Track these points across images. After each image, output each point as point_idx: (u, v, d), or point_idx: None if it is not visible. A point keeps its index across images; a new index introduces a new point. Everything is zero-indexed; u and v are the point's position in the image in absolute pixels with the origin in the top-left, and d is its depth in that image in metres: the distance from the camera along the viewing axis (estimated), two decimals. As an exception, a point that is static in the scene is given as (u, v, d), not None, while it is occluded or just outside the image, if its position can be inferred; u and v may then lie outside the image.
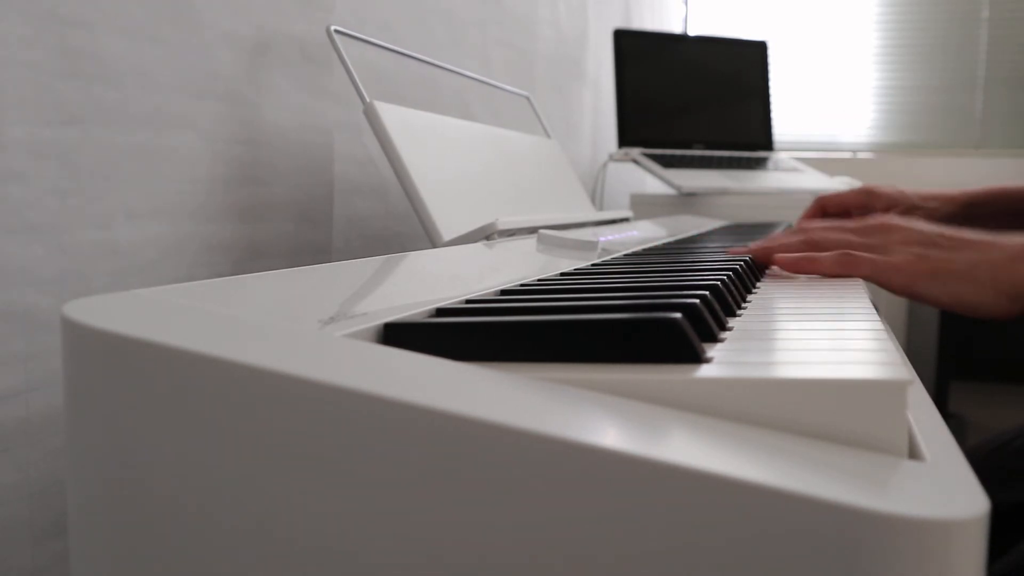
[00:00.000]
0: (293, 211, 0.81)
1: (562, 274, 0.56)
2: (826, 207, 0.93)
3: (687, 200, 1.50)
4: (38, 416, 0.56)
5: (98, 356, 0.26)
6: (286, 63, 0.79)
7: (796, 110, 2.74)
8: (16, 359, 0.54)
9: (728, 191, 1.50)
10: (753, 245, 0.66)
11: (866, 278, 0.59)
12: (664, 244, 0.85)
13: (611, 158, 1.65)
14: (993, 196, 0.93)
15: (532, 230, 0.73)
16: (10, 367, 0.54)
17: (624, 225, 1.02)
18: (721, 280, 0.43)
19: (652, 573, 0.20)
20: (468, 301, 0.42)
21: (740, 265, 0.53)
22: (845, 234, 0.62)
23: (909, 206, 0.90)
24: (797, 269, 0.60)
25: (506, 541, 0.22)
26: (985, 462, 0.73)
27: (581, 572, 0.21)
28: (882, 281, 0.58)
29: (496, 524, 0.22)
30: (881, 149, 2.68)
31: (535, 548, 0.21)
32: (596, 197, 1.71)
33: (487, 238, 0.68)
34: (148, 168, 0.64)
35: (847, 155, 2.70)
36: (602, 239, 0.76)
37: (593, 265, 0.62)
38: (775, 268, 0.64)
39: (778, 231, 1.00)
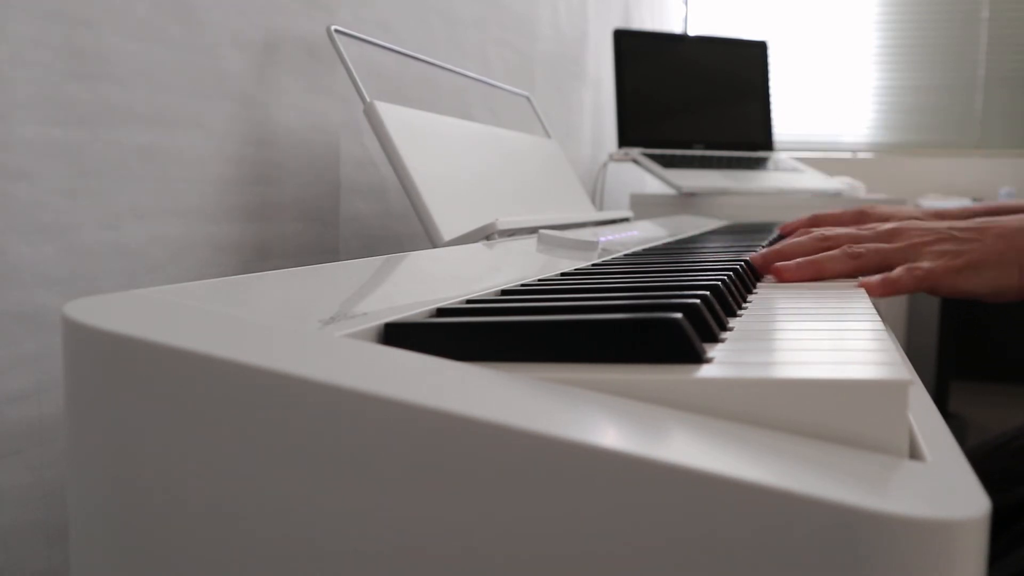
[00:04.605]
0: (301, 211, 0.81)
1: (562, 274, 0.56)
2: (820, 223, 0.83)
3: (687, 200, 1.50)
4: (50, 417, 0.56)
5: (98, 356, 0.26)
6: (293, 63, 0.79)
7: (796, 110, 2.74)
8: (27, 360, 0.54)
9: (728, 191, 1.50)
10: (761, 253, 0.62)
11: (912, 291, 0.59)
12: (664, 244, 0.85)
13: (611, 158, 1.65)
14: (997, 212, 0.91)
15: (532, 230, 0.73)
16: (21, 368, 0.54)
17: (624, 225, 1.02)
18: (722, 280, 0.43)
19: (652, 573, 0.20)
20: (469, 301, 0.42)
21: (741, 265, 0.53)
22: (859, 239, 0.61)
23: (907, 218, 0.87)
24: (818, 272, 0.58)
25: (506, 540, 0.22)
26: (985, 462, 0.73)
27: (582, 571, 0.21)
28: (928, 289, 0.59)
29: (496, 523, 0.22)
30: (881, 149, 2.68)
31: (536, 547, 0.21)
32: (596, 197, 1.70)
33: (487, 238, 0.68)
34: (157, 168, 0.64)
35: (847, 155, 2.71)
36: (602, 239, 0.76)
37: (593, 265, 0.62)
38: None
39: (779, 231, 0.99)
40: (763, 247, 0.72)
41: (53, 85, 0.56)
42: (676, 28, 2.73)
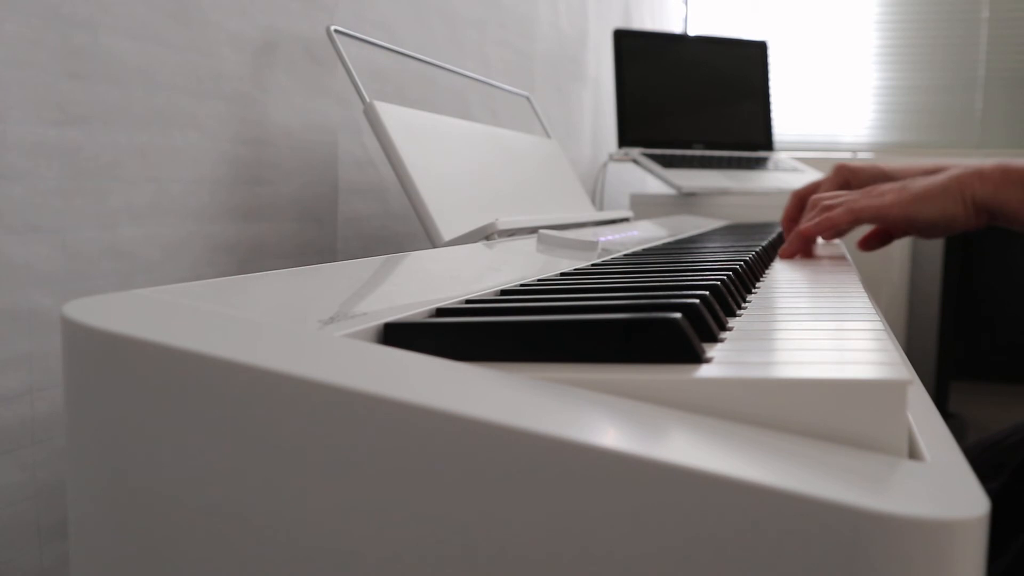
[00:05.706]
0: (299, 211, 0.81)
1: (562, 274, 0.56)
2: (804, 198, 0.89)
3: (687, 200, 1.50)
4: (43, 416, 0.56)
5: (98, 356, 0.26)
6: (291, 63, 0.79)
7: (796, 110, 2.74)
8: (21, 359, 0.54)
9: (728, 191, 1.50)
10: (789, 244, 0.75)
11: (870, 220, 0.68)
12: (664, 244, 0.85)
13: (611, 158, 1.64)
14: None
15: (532, 230, 0.73)
16: (15, 367, 0.54)
17: (624, 225, 1.02)
18: (721, 280, 0.43)
19: (652, 573, 0.20)
20: (468, 301, 0.42)
21: (740, 265, 0.53)
22: (849, 196, 0.72)
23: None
24: (816, 232, 0.70)
25: (506, 540, 0.22)
26: (980, 459, 0.73)
27: (582, 571, 0.21)
28: (882, 216, 0.67)
29: (496, 523, 0.22)
30: (881, 149, 2.68)
31: (536, 547, 0.21)
32: (596, 197, 1.70)
33: (487, 238, 0.68)
34: (152, 168, 0.64)
35: (847, 155, 2.70)
36: (602, 239, 0.76)
37: (593, 265, 0.62)
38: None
39: (778, 230, 1.00)
40: (763, 246, 0.73)
41: (49, 85, 0.56)
42: (676, 28, 2.73)
